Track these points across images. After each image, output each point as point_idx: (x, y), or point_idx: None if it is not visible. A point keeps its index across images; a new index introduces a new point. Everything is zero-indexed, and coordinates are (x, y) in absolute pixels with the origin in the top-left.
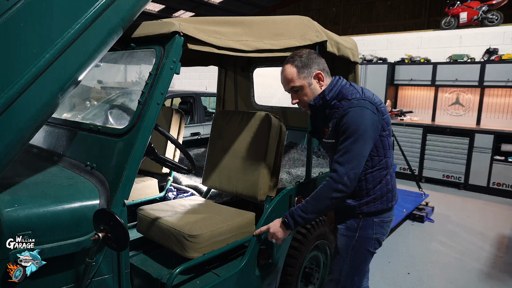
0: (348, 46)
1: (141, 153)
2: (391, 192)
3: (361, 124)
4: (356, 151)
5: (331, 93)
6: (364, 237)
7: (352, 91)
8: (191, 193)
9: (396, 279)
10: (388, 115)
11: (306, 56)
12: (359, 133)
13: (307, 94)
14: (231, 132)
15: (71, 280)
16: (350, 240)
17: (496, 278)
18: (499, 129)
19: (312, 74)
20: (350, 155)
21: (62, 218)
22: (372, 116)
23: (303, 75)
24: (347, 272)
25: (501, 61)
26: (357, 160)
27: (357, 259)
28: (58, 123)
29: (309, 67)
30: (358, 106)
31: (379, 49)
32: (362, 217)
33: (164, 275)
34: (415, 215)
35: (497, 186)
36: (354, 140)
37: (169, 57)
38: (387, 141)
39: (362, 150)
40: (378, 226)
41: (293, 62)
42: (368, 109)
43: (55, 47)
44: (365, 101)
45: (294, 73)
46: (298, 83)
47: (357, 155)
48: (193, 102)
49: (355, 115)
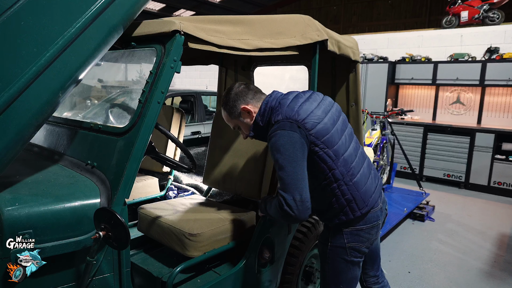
0: (349, 45)
1: (141, 152)
2: (353, 202)
3: (282, 147)
4: (287, 176)
5: (263, 118)
6: (336, 246)
7: (276, 112)
8: (192, 192)
9: (397, 278)
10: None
11: (230, 96)
12: (283, 158)
13: (244, 127)
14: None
15: (72, 278)
16: (325, 249)
17: (496, 277)
18: (500, 128)
19: (239, 111)
20: (286, 183)
21: (63, 217)
22: (290, 137)
23: (234, 115)
24: (330, 280)
25: (502, 60)
26: (294, 185)
27: (335, 267)
28: (59, 122)
29: (234, 106)
30: (276, 131)
31: (380, 48)
32: (331, 228)
33: (164, 274)
34: (415, 214)
35: (497, 185)
36: (281, 165)
37: (169, 56)
38: (326, 154)
39: (294, 173)
40: (350, 235)
41: (224, 106)
42: (286, 130)
43: (55, 45)
44: (283, 122)
45: (227, 117)
46: (233, 123)
47: (292, 180)
48: (193, 101)
49: (274, 142)
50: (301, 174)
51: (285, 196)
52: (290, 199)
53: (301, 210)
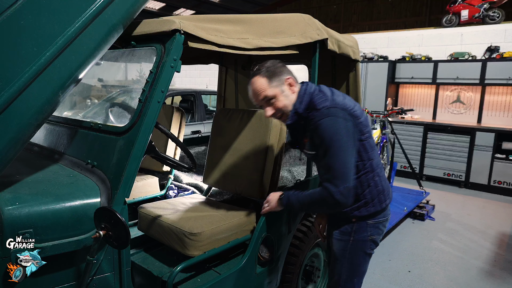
0: (349, 44)
1: (141, 151)
2: (382, 193)
3: (335, 135)
4: (338, 165)
5: (302, 105)
6: (359, 240)
7: (321, 98)
8: (192, 191)
9: (397, 277)
10: (365, 116)
11: (272, 65)
12: (336, 146)
13: (282, 101)
14: (232, 130)
15: (72, 278)
16: (346, 244)
17: (496, 276)
18: (500, 127)
19: (283, 81)
20: (335, 171)
21: (63, 216)
22: (345, 124)
23: (275, 84)
24: (346, 275)
25: (502, 59)
26: (343, 174)
27: (354, 261)
28: (59, 121)
29: (279, 74)
30: (328, 117)
31: (380, 47)
32: (356, 221)
33: (165, 273)
34: (415, 213)
35: (498, 184)
36: (333, 154)
37: (169, 55)
38: (368, 143)
39: (345, 162)
40: (372, 228)
41: (260, 73)
42: (339, 117)
43: (55, 45)
44: (335, 109)
45: (265, 83)
46: (271, 92)
47: (342, 169)
48: (193, 100)
49: (327, 127)
50: (352, 163)
51: (337, 184)
52: (342, 187)
53: (349, 198)
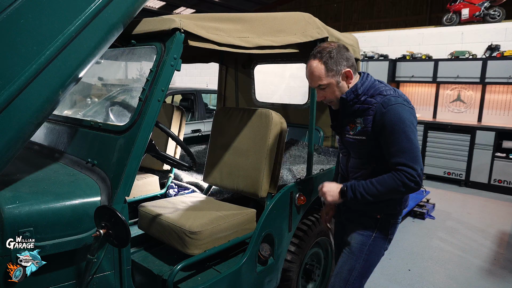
0: (349, 42)
1: (142, 150)
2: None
3: (407, 119)
4: (414, 147)
5: (362, 87)
6: (380, 237)
7: (386, 87)
8: (192, 190)
9: (397, 276)
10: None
11: (336, 52)
12: (409, 129)
13: (334, 92)
14: (232, 129)
15: (72, 276)
16: (367, 239)
17: (496, 275)
18: (500, 126)
19: (340, 73)
20: (411, 154)
21: (64, 215)
22: (412, 112)
23: (332, 73)
24: (358, 272)
25: (503, 57)
26: (418, 156)
27: (370, 258)
28: (59, 120)
29: (338, 64)
30: (397, 103)
31: (380, 46)
32: (380, 217)
33: (165, 272)
34: (416, 212)
35: (498, 183)
36: (407, 137)
37: (169, 54)
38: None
39: (418, 146)
40: (393, 227)
41: (321, 58)
42: (406, 106)
43: (55, 44)
44: (401, 99)
45: (322, 71)
46: (326, 81)
47: (416, 151)
48: (194, 99)
49: (398, 112)
50: (419, 148)
51: (415, 167)
52: (419, 169)
53: (421, 181)
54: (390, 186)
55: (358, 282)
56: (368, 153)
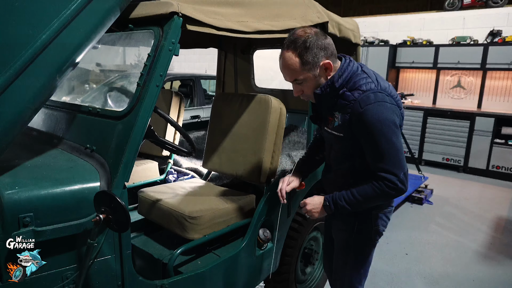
0: (350, 27)
1: (140, 135)
2: None
3: (386, 120)
4: (394, 150)
5: (340, 79)
6: (362, 230)
7: (366, 80)
8: (192, 176)
9: (394, 260)
10: (403, 109)
11: (313, 41)
12: (389, 131)
13: (312, 86)
14: (231, 115)
15: (73, 260)
16: (349, 235)
17: (492, 258)
18: (500, 112)
19: (318, 65)
20: (391, 159)
21: (63, 200)
22: (393, 109)
23: (308, 67)
24: (351, 266)
25: (505, 43)
26: (400, 160)
27: (359, 252)
28: (57, 106)
29: (316, 55)
30: (376, 102)
31: (381, 31)
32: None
33: (165, 256)
34: (414, 198)
35: (496, 169)
36: (387, 140)
37: (167, 39)
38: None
39: (399, 148)
40: (379, 219)
41: (295, 49)
42: (387, 102)
43: (51, 27)
44: (382, 95)
45: (297, 65)
46: (302, 76)
47: (397, 154)
48: (192, 85)
49: (377, 113)
50: (401, 146)
51: (396, 173)
52: (401, 174)
53: (407, 183)
54: (371, 196)
55: (355, 274)
56: (346, 149)
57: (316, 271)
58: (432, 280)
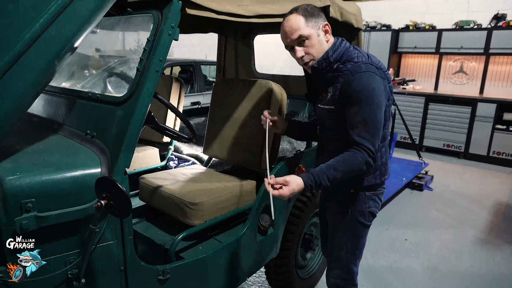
0: (352, 11)
1: (141, 121)
2: (384, 166)
3: (374, 90)
4: (376, 120)
5: (334, 54)
6: (357, 211)
7: (358, 54)
8: (192, 162)
9: (394, 245)
10: (392, 83)
11: (312, 7)
12: (374, 102)
13: (315, 46)
14: (232, 101)
15: (76, 246)
16: (344, 216)
17: (491, 244)
18: (502, 98)
19: (320, 25)
20: (373, 126)
21: (65, 186)
22: (382, 82)
23: (311, 24)
24: (347, 248)
25: (509, 27)
26: (378, 130)
27: (354, 234)
28: (57, 92)
29: (317, 17)
30: (367, 71)
31: (384, 15)
32: (354, 192)
33: (167, 241)
34: (414, 184)
35: (497, 155)
36: (370, 108)
37: (167, 23)
38: (388, 111)
39: (380, 119)
40: (370, 200)
41: (298, 11)
42: (377, 74)
43: (48, 11)
44: (372, 66)
45: (302, 21)
46: (307, 31)
47: (377, 125)
48: (193, 70)
49: (367, 81)
50: (382, 120)
51: (374, 143)
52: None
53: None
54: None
55: (351, 256)
56: (338, 124)
57: (317, 256)
58: (432, 265)
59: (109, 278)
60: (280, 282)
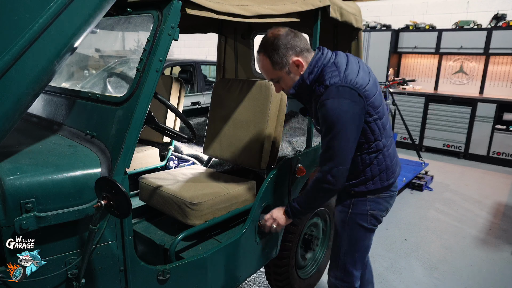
0: (352, 11)
1: (141, 121)
2: (385, 172)
3: (340, 117)
4: (337, 147)
5: (310, 76)
6: (357, 213)
7: (332, 74)
8: (192, 162)
9: (393, 245)
10: (376, 96)
11: (279, 42)
12: (338, 128)
13: (288, 83)
14: (232, 101)
15: (76, 246)
16: (345, 217)
17: (490, 244)
18: (502, 98)
19: (288, 64)
20: (332, 152)
21: (65, 186)
22: (351, 107)
23: (278, 67)
24: (345, 249)
25: (509, 27)
26: (340, 156)
27: (353, 235)
28: (57, 91)
29: (284, 55)
30: (334, 98)
31: (383, 16)
32: (354, 194)
33: (167, 241)
34: (414, 184)
35: (496, 155)
36: (333, 136)
37: (167, 23)
38: (377, 125)
39: (344, 145)
40: (372, 203)
41: (265, 52)
42: (347, 98)
43: (48, 11)
44: (343, 88)
45: (269, 66)
46: (276, 75)
47: (340, 151)
48: (192, 70)
49: (332, 108)
50: (350, 145)
51: (331, 166)
52: (336, 169)
53: (340, 180)
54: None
55: (349, 258)
56: None
57: (317, 256)
58: (431, 265)
59: (109, 278)
60: (280, 282)
